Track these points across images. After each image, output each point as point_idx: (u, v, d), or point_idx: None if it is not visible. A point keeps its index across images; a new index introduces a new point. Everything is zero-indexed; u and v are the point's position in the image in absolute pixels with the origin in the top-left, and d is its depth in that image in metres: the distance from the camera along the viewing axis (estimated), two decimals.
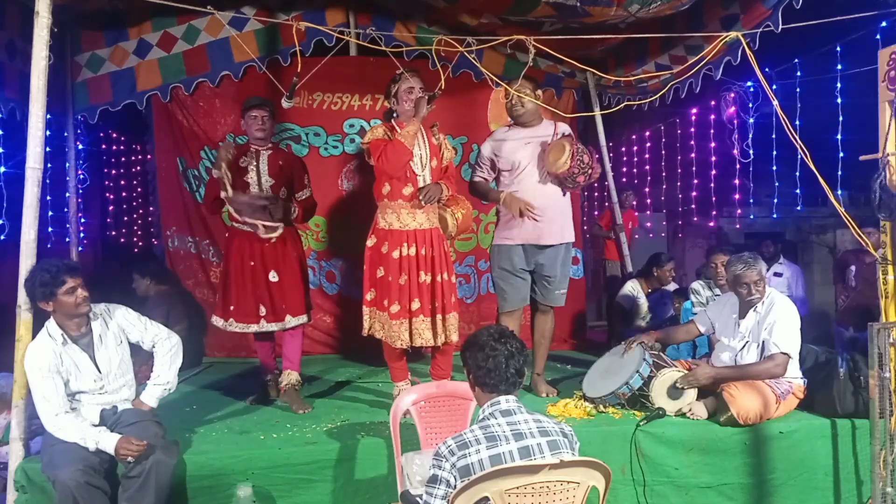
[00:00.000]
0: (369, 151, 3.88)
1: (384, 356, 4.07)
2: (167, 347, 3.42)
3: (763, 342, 3.77)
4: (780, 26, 3.85)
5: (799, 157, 3.78)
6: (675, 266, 6.24)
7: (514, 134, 4.21)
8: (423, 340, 3.85)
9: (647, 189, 8.96)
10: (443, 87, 3.90)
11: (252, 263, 4.09)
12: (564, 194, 4.19)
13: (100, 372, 3.21)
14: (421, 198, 3.84)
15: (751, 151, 6.33)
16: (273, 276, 4.10)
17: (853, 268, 5.55)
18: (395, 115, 3.97)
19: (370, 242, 3.96)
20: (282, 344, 4.31)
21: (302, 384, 4.30)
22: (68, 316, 3.14)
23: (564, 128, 4.24)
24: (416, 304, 3.85)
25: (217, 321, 4.17)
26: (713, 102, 6.94)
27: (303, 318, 4.22)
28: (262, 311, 4.10)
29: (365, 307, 3.94)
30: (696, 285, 5.23)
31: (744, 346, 3.85)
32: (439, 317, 3.89)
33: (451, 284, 3.97)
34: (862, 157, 3.71)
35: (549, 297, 4.26)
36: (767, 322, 3.75)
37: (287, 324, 4.14)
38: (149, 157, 6.45)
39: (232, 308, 4.11)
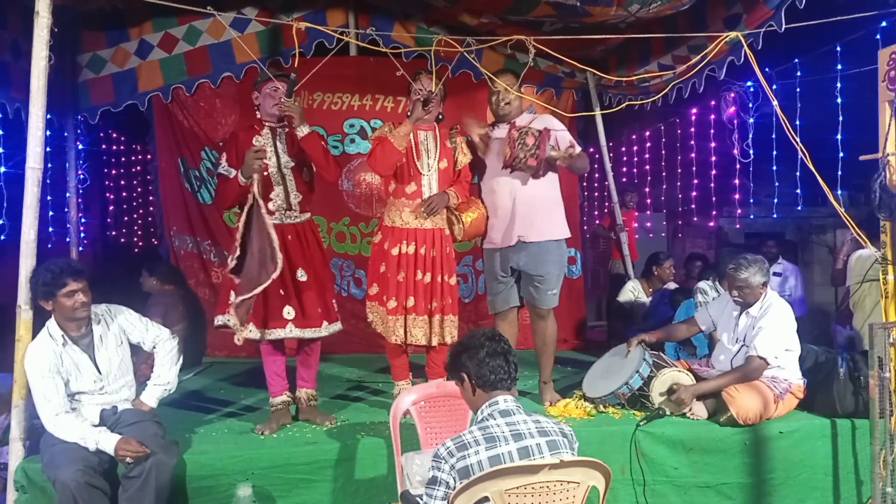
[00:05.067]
0: None
1: (386, 353, 4.08)
2: (168, 348, 3.42)
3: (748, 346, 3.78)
4: (783, 26, 3.84)
5: (799, 157, 3.78)
6: (673, 263, 6.23)
7: (494, 131, 4.09)
8: (414, 339, 3.86)
9: (647, 189, 8.95)
10: (433, 89, 3.89)
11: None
12: (534, 189, 3.94)
13: (100, 372, 3.21)
14: (423, 210, 3.86)
15: (751, 151, 6.33)
16: (301, 275, 3.69)
17: None
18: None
19: (376, 239, 4.00)
20: (297, 357, 3.87)
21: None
22: (66, 318, 3.14)
23: (546, 119, 4.06)
24: (410, 302, 3.86)
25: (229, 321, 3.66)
26: (713, 102, 6.94)
27: (338, 325, 3.81)
28: (290, 313, 3.62)
29: (368, 301, 3.98)
30: (704, 285, 5.21)
31: (739, 350, 3.85)
32: (437, 317, 3.89)
33: (452, 286, 3.97)
34: (862, 157, 3.71)
35: (542, 298, 3.99)
36: (758, 326, 3.74)
37: (322, 330, 3.70)
38: (149, 157, 6.46)
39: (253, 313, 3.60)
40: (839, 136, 5.30)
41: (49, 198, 5.64)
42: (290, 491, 3.32)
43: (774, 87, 4.95)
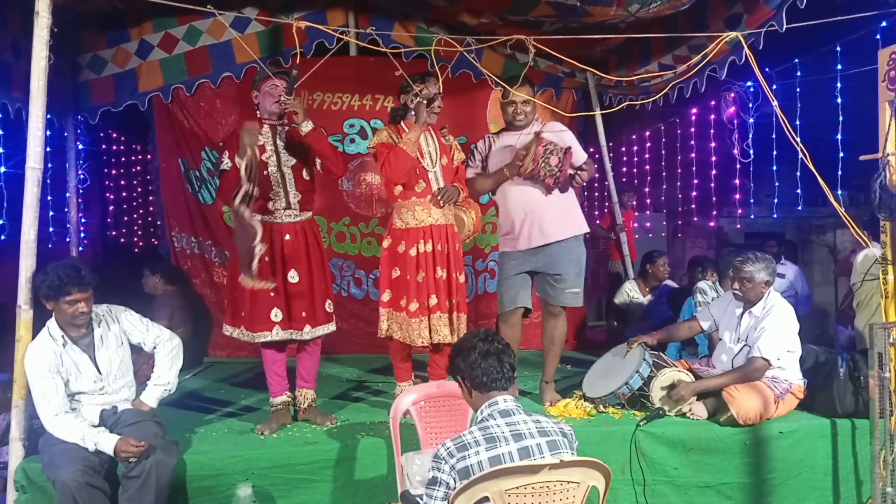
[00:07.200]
0: (375, 155, 3.89)
1: (391, 355, 4.07)
2: (168, 349, 3.42)
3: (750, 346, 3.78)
4: (784, 26, 3.84)
5: (799, 157, 3.79)
6: (668, 261, 6.23)
7: (504, 137, 4.14)
8: (440, 337, 3.82)
9: (647, 189, 8.95)
10: (437, 90, 3.89)
11: (267, 259, 3.54)
12: (549, 193, 4.01)
13: (100, 373, 3.22)
14: (440, 198, 3.85)
15: (751, 151, 6.32)
16: (293, 277, 3.64)
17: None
18: (402, 116, 3.97)
19: (386, 244, 3.95)
20: (297, 357, 3.85)
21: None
22: (64, 322, 3.15)
23: (554, 125, 4.13)
24: (433, 301, 3.84)
25: (227, 329, 3.70)
26: (713, 102, 6.94)
27: (328, 328, 3.77)
28: (277, 315, 3.61)
29: (381, 308, 3.92)
30: (703, 285, 5.20)
31: (741, 350, 3.85)
32: (455, 314, 3.89)
33: (461, 284, 3.97)
34: (862, 157, 3.71)
35: (558, 297, 4.02)
36: (760, 327, 3.74)
37: (305, 334, 3.67)
38: (149, 157, 6.46)
39: (243, 314, 3.62)
40: (839, 136, 5.30)
41: (49, 198, 5.63)
42: (290, 491, 3.33)
43: (774, 87, 4.94)
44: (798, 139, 3.73)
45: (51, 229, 5.73)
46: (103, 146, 8.31)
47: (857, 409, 3.69)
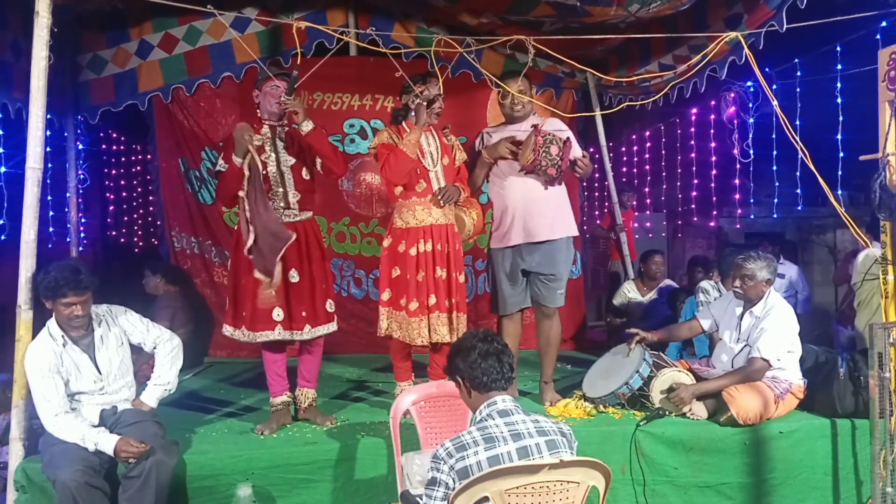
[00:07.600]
0: (376, 156, 3.89)
1: (391, 355, 4.07)
2: (168, 349, 3.42)
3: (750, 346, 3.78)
4: (785, 26, 3.84)
5: (799, 157, 3.79)
6: (662, 260, 6.23)
7: (500, 131, 4.14)
8: (439, 336, 3.83)
9: (647, 189, 8.95)
10: (437, 91, 3.89)
11: None
12: (547, 188, 3.99)
13: (100, 373, 3.22)
14: (440, 198, 3.86)
15: (751, 151, 6.33)
16: (293, 276, 3.65)
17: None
18: (404, 116, 3.97)
19: (386, 243, 3.96)
20: (299, 357, 3.86)
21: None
22: (61, 323, 3.15)
23: (552, 122, 4.13)
24: (432, 300, 3.85)
25: (227, 330, 3.70)
26: (713, 102, 6.94)
27: (329, 328, 3.78)
28: (279, 315, 3.61)
29: (381, 308, 3.93)
30: (706, 284, 5.20)
31: (742, 349, 3.85)
32: (454, 314, 3.90)
33: (461, 284, 3.97)
34: (862, 157, 3.71)
35: (552, 298, 4.05)
36: (760, 327, 3.74)
37: (306, 334, 3.68)
38: (149, 157, 6.46)
39: (244, 314, 3.62)
40: (839, 136, 5.31)
41: (49, 198, 5.63)
42: (290, 491, 3.33)
43: (774, 87, 4.95)
44: (798, 139, 3.74)
45: (51, 229, 5.73)
46: (103, 146, 8.33)
47: (857, 409, 3.69)
